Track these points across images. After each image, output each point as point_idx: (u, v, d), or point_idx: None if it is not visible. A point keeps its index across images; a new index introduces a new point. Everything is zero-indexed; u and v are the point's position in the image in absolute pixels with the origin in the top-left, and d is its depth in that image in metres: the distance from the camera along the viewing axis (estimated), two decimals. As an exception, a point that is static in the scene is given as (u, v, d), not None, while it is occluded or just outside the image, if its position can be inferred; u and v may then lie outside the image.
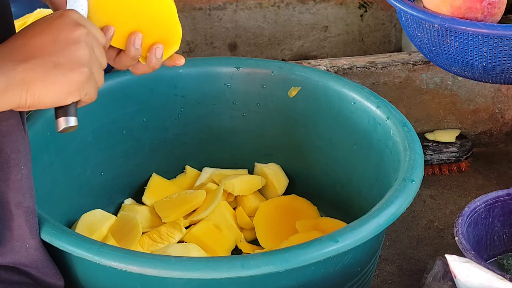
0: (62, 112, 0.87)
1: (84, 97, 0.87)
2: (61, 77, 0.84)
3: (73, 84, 0.85)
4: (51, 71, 0.83)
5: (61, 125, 0.87)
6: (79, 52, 0.85)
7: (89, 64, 0.86)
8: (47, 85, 0.83)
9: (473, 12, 1.28)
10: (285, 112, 1.40)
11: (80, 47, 0.86)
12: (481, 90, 1.75)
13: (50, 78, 0.83)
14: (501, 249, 1.38)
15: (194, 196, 1.38)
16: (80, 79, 0.85)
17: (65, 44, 0.85)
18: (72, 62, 0.85)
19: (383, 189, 1.15)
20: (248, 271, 0.94)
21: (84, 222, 1.31)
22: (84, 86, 0.86)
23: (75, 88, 0.85)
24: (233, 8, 2.09)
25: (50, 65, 0.83)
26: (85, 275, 1.05)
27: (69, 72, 0.84)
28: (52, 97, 0.84)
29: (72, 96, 0.86)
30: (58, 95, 0.85)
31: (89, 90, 0.87)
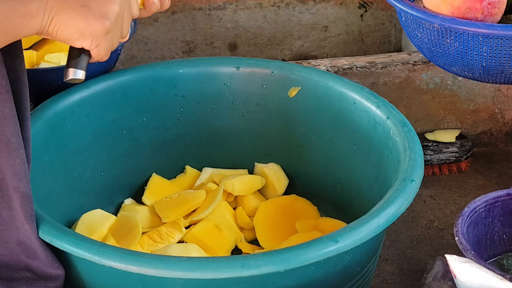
0: (73, 63, 0.91)
1: (94, 48, 0.90)
2: (83, 18, 0.88)
3: (90, 30, 0.89)
4: (78, 9, 0.87)
5: (68, 75, 0.92)
6: (111, 6, 0.90)
7: (113, 22, 0.90)
8: (69, 20, 0.87)
9: (473, 12, 1.28)
10: (285, 112, 1.40)
11: (114, 3, 0.90)
12: (481, 90, 1.75)
13: (74, 15, 0.87)
14: (501, 249, 1.38)
15: (194, 196, 1.38)
16: (98, 29, 0.89)
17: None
18: (100, 11, 0.89)
19: (383, 189, 1.15)
20: (248, 271, 0.94)
21: (84, 222, 1.31)
22: (99, 37, 0.90)
23: (90, 34, 0.89)
24: (233, 8, 2.09)
25: (79, 4, 0.87)
26: (85, 275, 1.05)
27: (92, 17, 0.88)
28: (68, 33, 0.88)
29: (84, 41, 0.89)
30: (73, 34, 0.88)
31: (102, 45, 0.91)
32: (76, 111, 1.31)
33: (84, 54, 0.92)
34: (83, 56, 0.92)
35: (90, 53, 0.92)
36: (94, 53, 0.92)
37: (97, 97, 1.34)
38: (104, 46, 0.91)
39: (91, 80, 1.34)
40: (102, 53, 0.92)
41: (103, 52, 0.92)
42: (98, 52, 0.92)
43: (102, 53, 0.92)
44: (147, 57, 2.06)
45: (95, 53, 0.92)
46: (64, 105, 1.29)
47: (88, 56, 0.92)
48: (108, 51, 0.93)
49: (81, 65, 0.92)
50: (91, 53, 0.92)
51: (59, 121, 1.28)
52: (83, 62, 0.92)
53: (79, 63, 0.92)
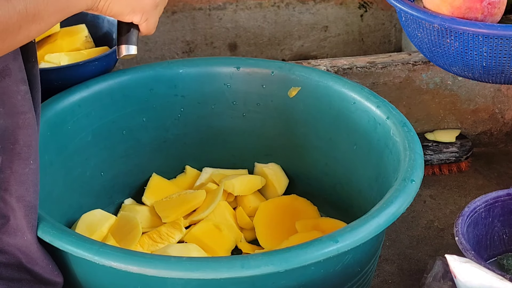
0: (124, 39, 0.93)
1: (143, 22, 0.92)
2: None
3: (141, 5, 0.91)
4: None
5: (121, 52, 0.93)
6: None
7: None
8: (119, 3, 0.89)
9: (473, 12, 1.28)
10: (285, 112, 1.40)
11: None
12: (481, 90, 1.75)
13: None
14: (501, 249, 1.38)
15: (194, 196, 1.38)
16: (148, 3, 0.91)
17: None
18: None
19: (383, 189, 1.15)
20: (248, 271, 0.94)
21: (84, 222, 1.31)
22: (149, 12, 0.92)
23: (140, 9, 0.91)
24: (233, 8, 2.09)
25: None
26: (85, 275, 1.05)
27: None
28: (119, 8, 0.89)
29: (134, 15, 0.91)
30: (124, 9, 0.90)
31: (151, 19, 0.92)
32: (76, 111, 1.31)
33: (133, 29, 0.93)
34: (132, 31, 0.93)
35: (138, 27, 0.93)
36: (143, 27, 0.94)
37: (97, 97, 1.34)
38: (153, 20, 0.93)
39: (91, 80, 1.34)
40: (151, 27, 0.94)
41: (152, 25, 0.94)
42: (147, 26, 0.93)
43: (151, 27, 0.94)
44: (147, 57, 2.06)
45: (144, 27, 0.94)
46: (64, 105, 1.29)
47: (137, 30, 0.93)
48: (155, 24, 0.94)
49: (132, 40, 0.93)
50: (140, 28, 0.93)
51: (59, 121, 1.28)
52: (133, 37, 0.93)
53: (130, 38, 0.93)
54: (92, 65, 1.35)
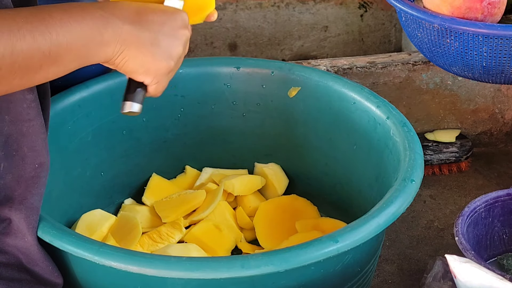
0: (131, 96, 0.94)
1: (153, 85, 0.93)
2: (151, 55, 0.91)
3: (155, 68, 0.92)
4: (148, 46, 0.90)
5: (125, 107, 0.94)
6: (177, 48, 0.93)
7: (175, 62, 0.93)
8: (138, 55, 0.90)
9: (473, 12, 1.28)
10: (285, 112, 1.40)
11: (180, 45, 0.94)
12: (481, 90, 1.75)
13: (144, 51, 0.90)
14: (501, 249, 1.38)
15: (194, 196, 1.38)
16: (163, 68, 0.92)
17: (171, 33, 0.93)
18: (168, 52, 0.92)
19: (383, 189, 1.15)
20: (248, 271, 0.94)
21: (84, 222, 1.31)
22: (161, 76, 0.93)
23: (154, 72, 0.92)
24: (233, 8, 2.09)
25: (150, 40, 0.90)
26: (85, 275, 1.05)
27: (160, 56, 0.91)
28: (134, 66, 0.90)
29: (147, 77, 0.92)
30: (138, 68, 0.91)
31: (161, 83, 0.93)
32: (76, 111, 1.31)
33: (141, 89, 0.94)
34: (140, 90, 0.94)
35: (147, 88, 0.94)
36: (152, 89, 0.94)
37: (97, 97, 1.34)
38: (163, 84, 0.94)
39: (91, 80, 1.34)
40: (159, 90, 0.95)
41: (160, 89, 0.95)
42: (156, 88, 0.94)
43: (159, 90, 0.95)
44: (147, 57, 2.06)
45: (153, 89, 0.94)
46: (64, 105, 1.29)
47: (145, 90, 0.94)
48: (164, 89, 0.95)
49: (138, 99, 0.94)
50: (149, 89, 0.94)
51: (59, 121, 1.28)
52: (140, 96, 0.94)
53: (136, 97, 0.94)
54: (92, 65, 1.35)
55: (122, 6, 0.90)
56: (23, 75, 0.83)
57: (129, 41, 0.89)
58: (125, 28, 0.88)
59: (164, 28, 0.92)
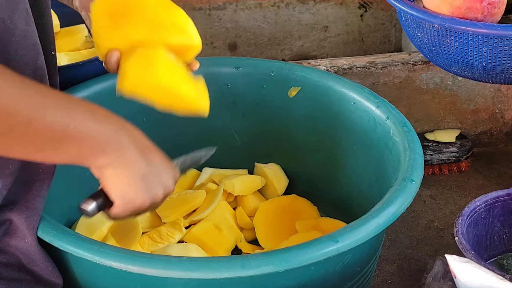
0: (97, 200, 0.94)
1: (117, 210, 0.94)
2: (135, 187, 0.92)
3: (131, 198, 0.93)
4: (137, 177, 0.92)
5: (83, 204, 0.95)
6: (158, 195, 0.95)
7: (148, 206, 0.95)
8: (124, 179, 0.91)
9: (473, 12, 1.28)
10: (285, 112, 1.40)
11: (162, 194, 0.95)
12: (481, 90, 1.75)
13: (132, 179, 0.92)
14: (501, 249, 1.38)
15: (194, 196, 1.38)
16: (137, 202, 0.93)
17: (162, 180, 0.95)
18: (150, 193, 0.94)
19: (383, 189, 1.15)
20: (248, 271, 0.94)
21: (84, 222, 1.31)
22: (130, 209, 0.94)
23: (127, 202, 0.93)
24: (233, 8, 2.09)
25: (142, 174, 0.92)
26: (85, 275, 1.05)
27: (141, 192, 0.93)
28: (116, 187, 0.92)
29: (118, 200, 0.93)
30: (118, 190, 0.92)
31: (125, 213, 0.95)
32: (76, 111, 1.31)
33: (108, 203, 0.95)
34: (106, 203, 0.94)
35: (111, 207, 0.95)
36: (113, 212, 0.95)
37: (97, 97, 1.34)
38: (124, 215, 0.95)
39: (91, 80, 1.34)
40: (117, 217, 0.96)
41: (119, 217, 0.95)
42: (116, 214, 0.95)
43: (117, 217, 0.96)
44: (147, 57, 2.06)
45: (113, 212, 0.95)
46: (64, 105, 1.29)
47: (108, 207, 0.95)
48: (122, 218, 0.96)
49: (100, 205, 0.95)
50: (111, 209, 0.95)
51: (59, 121, 1.28)
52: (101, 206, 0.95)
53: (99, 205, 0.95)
54: (92, 65, 1.35)
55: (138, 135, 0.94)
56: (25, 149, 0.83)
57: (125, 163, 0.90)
58: (131, 148, 0.90)
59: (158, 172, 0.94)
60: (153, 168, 0.94)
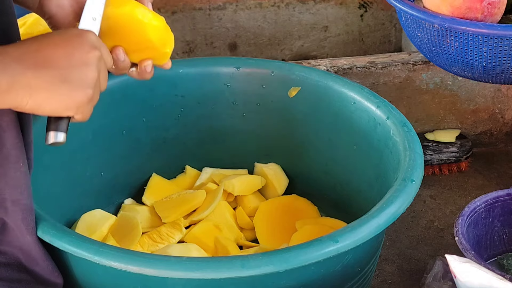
0: (54, 126, 0.89)
1: (79, 115, 0.90)
2: (66, 92, 0.86)
3: (75, 102, 0.88)
4: (58, 84, 0.86)
5: (49, 139, 0.90)
6: (89, 74, 0.88)
7: (94, 87, 0.89)
8: (51, 96, 0.85)
9: (473, 12, 1.28)
10: (285, 112, 1.40)
11: (91, 70, 0.89)
12: (481, 90, 1.75)
13: (56, 90, 0.86)
14: (501, 249, 1.38)
15: (194, 196, 1.38)
16: (82, 99, 0.88)
17: (78, 62, 0.87)
18: (80, 82, 0.88)
19: (383, 189, 1.15)
20: (248, 271, 0.94)
21: (84, 222, 1.31)
22: (84, 106, 0.89)
23: (74, 105, 0.88)
24: (233, 8, 2.09)
25: (59, 78, 0.86)
26: (85, 275, 1.05)
27: (74, 90, 0.87)
28: (52, 107, 0.86)
29: (69, 112, 0.88)
30: (57, 108, 0.87)
31: (86, 111, 0.90)
32: (76, 111, 1.31)
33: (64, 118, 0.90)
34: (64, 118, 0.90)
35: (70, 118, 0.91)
36: (78, 118, 0.91)
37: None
38: (88, 110, 0.91)
39: (91, 80, 1.34)
40: (85, 116, 0.91)
41: (86, 115, 0.91)
42: (81, 117, 0.91)
43: (85, 116, 0.91)
44: (147, 57, 2.06)
45: (79, 118, 0.91)
46: (64, 105, 1.29)
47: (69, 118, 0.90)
48: (91, 111, 0.92)
49: (62, 127, 0.90)
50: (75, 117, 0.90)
51: (59, 121, 1.28)
52: (64, 124, 0.90)
53: (60, 126, 0.90)
54: (92, 65, 1.35)
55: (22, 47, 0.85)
56: None
57: (34, 85, 0.84)
58: (28, 73, 0.84)
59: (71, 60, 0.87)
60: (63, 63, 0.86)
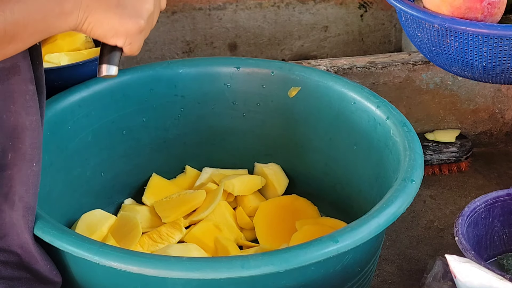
0: (106, 59, 0.92)
1: (127, 46, 0.92)
2: (118, 18, 0.88)
3: (125, 30, 0.89)
4: (113, 9, 0.88)
5: (102, 71, 0.93)
6: (146, 6, 0.90)
7: (147, 20, 0.91)
8: (104, 19, 0.88)
9: (473, 12, 1.28)
10: (285, 112, 1.40)
11: (148, 2, 0.91)
12: (481, 90, 1.75)
13: (109, 14, 0.88)
14: (501, 249, 1.38)
15: (194, 196, 1.38)
16: (133, 29, 0.90)
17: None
18: (135, 11, 0.89)
19: (383, 189, 1.15)
20: (248, 271, 0.94)
21: (84, 222, 1.31)
22: (133, 36, 0.91)
23: (124, 33, 0.90)
24: (233, 8, 2.09)
25: (114, 3, 0.88)
26: (85, 275, 1.05)
27: (127, 17, 0.89)
28: (102, 31, 0.89)
29: (118, 39, 0.90)
30: (107, 32, 0.89)
31: (135, 42, 0.92)
32: (76, 111, 1.31)
33: (116, 50, 0.92)
34: (115, 51, 0.92)
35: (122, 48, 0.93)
36: (127, 50, 0.93)
37: (97, 97, 1.34)
38: (137, 43, 0.92)
39: (91, 80, 1.34)
40: (134, 49, 0.93)
41: (135, 48, 0.93)
42: (130, 48, 0.92)
43: (134, 49, 0.93)
44: (147, 57, 2.06)
45: (128, 50, 0.93)
46: (64, 105, 1.29)
47: (121, 51, 0.93)
48: (140, 47, 0.94)
49: (114, 60, 0.92)
50: (124, 49, 0.92)
51: (59, 121, 1.28)
52: (116, 57, 0.92)
53: (112, 59, 0.92)
54: (92, 65, 1.35)
55: None
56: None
57: (92, 6, 0.87)
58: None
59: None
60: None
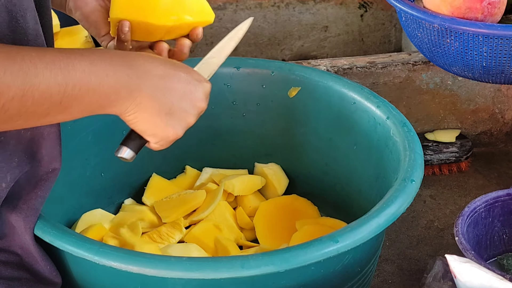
0: (131, 144, 0.95)
1: (156, 145, 0.94)
2: (163, 125, 0.91)
3: (164, 136, 0.92)
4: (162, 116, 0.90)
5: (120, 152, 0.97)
6: (190, 119, 0.94)
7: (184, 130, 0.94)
8: (150, 121, 0.90)
9: (473, 12, 1.28)
10: (285, 112, 1.40)
11: (193, 117, 0.94)
12: (481, 90, 1.75)
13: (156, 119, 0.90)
14: (501, 249, 1.38)
15: (194, 196, 1.38)
16: (171, 136, 0.93)
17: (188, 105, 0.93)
18: (179, 123, 0.93)
19: (383, 189, 1.15)
20: (248, 271, 0.94)
21: (84, 222, 1.31)
22: (167, 142, 0.94)
23: (162, 136, 0.93)
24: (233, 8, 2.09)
25: (165, 110, 0.90)
26: (85, 275, 1.05)
27: (171, 126, 0.92)
28: (143, 128, 0.91)
29: (153, 138, 0.93)
30: (147, 130, 0.92)
31: (165, 145, 0.95)
32: (76, 111, 1.31)
33: (143, 140, 0.95)
34: (142, 141, 0.94)
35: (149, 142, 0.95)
36: (153, 147, 0.95)
37: (97, 97, 1.34)
38: (166, 146, 0.95)
39: (91, 80, 1.34)
40: (160, 148, 0.96)
41: (162, 148, 0.96)
42: (157, 147, 0.95)
43: (160, 148, 0.96)
44: (147, 57, 2.06)
45: (155, 147, 0.95)
46: (64, 105, 1.29)
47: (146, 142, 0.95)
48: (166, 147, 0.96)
49: (136, 148, 0.95)
50: (151, 146, 0.95)
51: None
52: (139, 146, 0.95)
53: (135, 146, 0.95)
54: (92, 65, 1.34)
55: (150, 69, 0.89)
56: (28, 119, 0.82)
57: (144, 105, 0.88)
58: (144, 93, 0.87)
59: (184, 99, 0.92)
60: (176, 98, 0.91)
